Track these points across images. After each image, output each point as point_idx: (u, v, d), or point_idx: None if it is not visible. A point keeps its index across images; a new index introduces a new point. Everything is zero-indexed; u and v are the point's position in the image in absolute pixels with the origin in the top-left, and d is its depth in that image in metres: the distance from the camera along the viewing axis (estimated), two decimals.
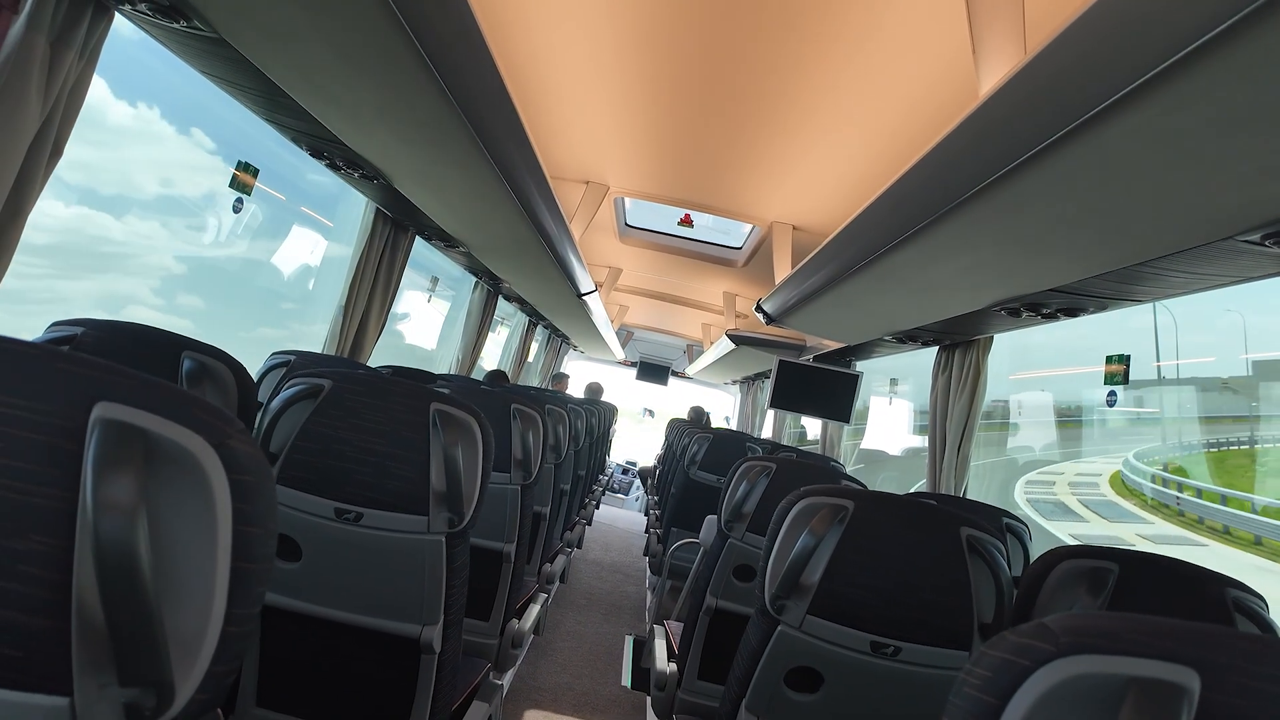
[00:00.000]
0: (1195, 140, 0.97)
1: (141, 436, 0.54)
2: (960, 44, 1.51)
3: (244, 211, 3.49)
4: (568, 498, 3.79)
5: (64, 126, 1.39)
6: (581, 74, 2.27)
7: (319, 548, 1.38)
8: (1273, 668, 0.45)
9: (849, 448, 5.01)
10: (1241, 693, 0.45)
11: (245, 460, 0.57)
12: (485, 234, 3.01)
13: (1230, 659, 0.45)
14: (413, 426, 1.36)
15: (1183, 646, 0.46)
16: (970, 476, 3.03)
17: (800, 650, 1.31)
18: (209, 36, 1.50)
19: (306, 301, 4.37)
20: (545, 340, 8.27)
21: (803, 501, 1.34)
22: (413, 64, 1.37)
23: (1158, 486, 15.19)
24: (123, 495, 0.52)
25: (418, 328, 5.64)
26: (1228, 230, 1.25)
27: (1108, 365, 2.29)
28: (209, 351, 1.42)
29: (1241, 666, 0.45)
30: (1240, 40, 0.75)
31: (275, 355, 2.29)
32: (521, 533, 2.24)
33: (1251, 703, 0.44)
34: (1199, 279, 1.56)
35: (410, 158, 2.05)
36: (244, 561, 0.57)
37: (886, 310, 2.68)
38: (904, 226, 1.64)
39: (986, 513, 2.24)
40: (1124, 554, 1.30)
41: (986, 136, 1.18)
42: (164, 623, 0.54)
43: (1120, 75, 0.88)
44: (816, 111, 2.17)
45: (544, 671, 3.09)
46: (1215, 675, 0.45)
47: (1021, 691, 0.48)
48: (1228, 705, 0.45)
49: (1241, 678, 0.45)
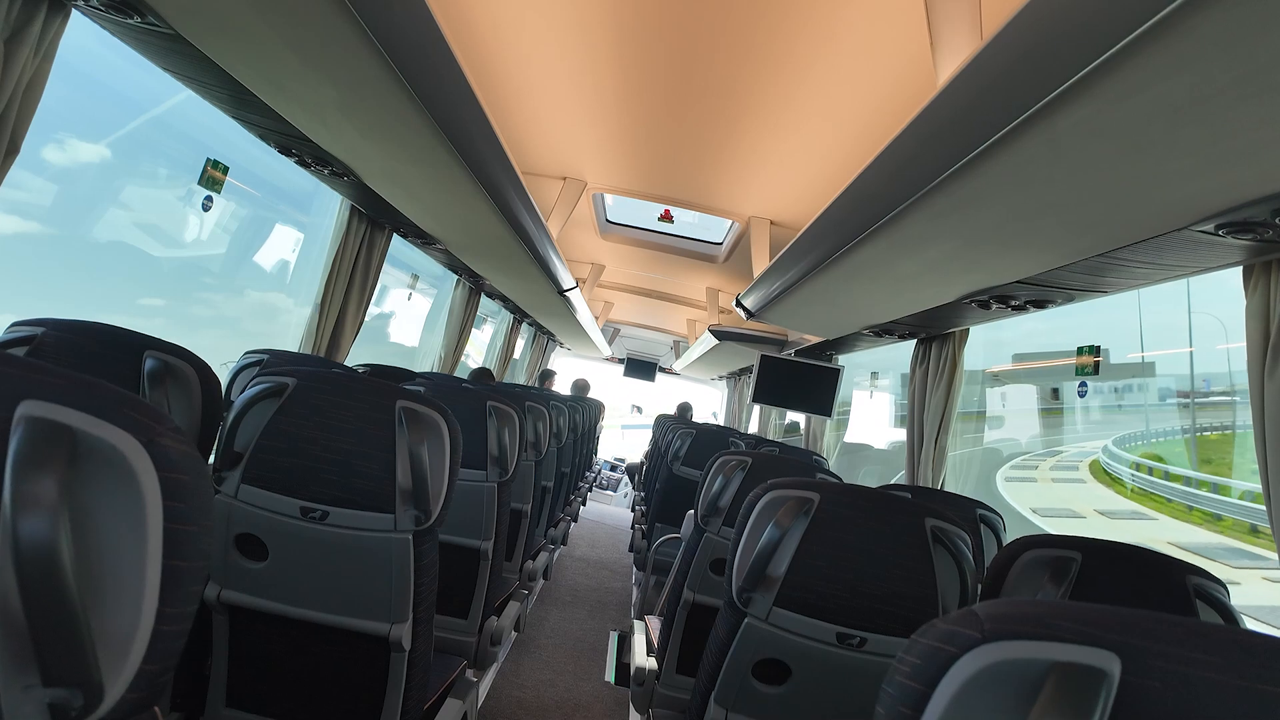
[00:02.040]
0: (1139, 132, 0.98)
1: (68, 434, 0.54)
2: (921, 38, 1.51)
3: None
4: (550, 494, 3.79)
5: (20, 124, 1.37)
6: (554, 70, 2.26)
7: (286, 547, 1.37)
8: (1194, 651, 0.45)
9: (832, 441, 5.03)
10: (1161, 676, 0.45)
11: (176, 458, 0.57)
12: (461, 231, 3.00)
13: (1152, 643, 0.46)
14: (378, 424, 1.35)
15: (1105, 631, 0.46)
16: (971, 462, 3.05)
17: (767, 642, 1.32)
18: (165, 32, 1.49)
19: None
20: (531, 337, 8.25)
21: (769, 494, 1.34)
22: (371, 62, 1.37)
23: (1133, 471, 15.51)
24: (43, 494, 0.51)
25: (399, 325, 5.61)
26: (1183, 220, 1.26)
27: (1079, 357, 2.31)
28: (173, 351, 1.40)
29: (1163, 650, 0.45)
30: (1170, 33, 0.76)
31: (249, 354, 2.27)
32: (499, 530, 2.24)
33: (1170, 685, 0.45)
34: (1161, 270, 1.57)
35: (378, 155, 2.04)
36: (176, 560, 0.57)
37: (861, 304, 2.69)
38: (870, 220, 1.65)
39: (961, 504, 2.26)
40: (1087, 543, 1.31)
41: (943, 129, 1.19)
42: (89, 622, 0.53)
43: (1063, 68, 0.89)
44: (788, 105, 2.17)
45: (526, 669, 3.09)
46: (1135, 659, 0.45)
47: (947, 678, 0.49)
48: (1147, 688, 0.45)
49: (1162, 661, 0.45)
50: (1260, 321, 1.38)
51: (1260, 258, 1.38)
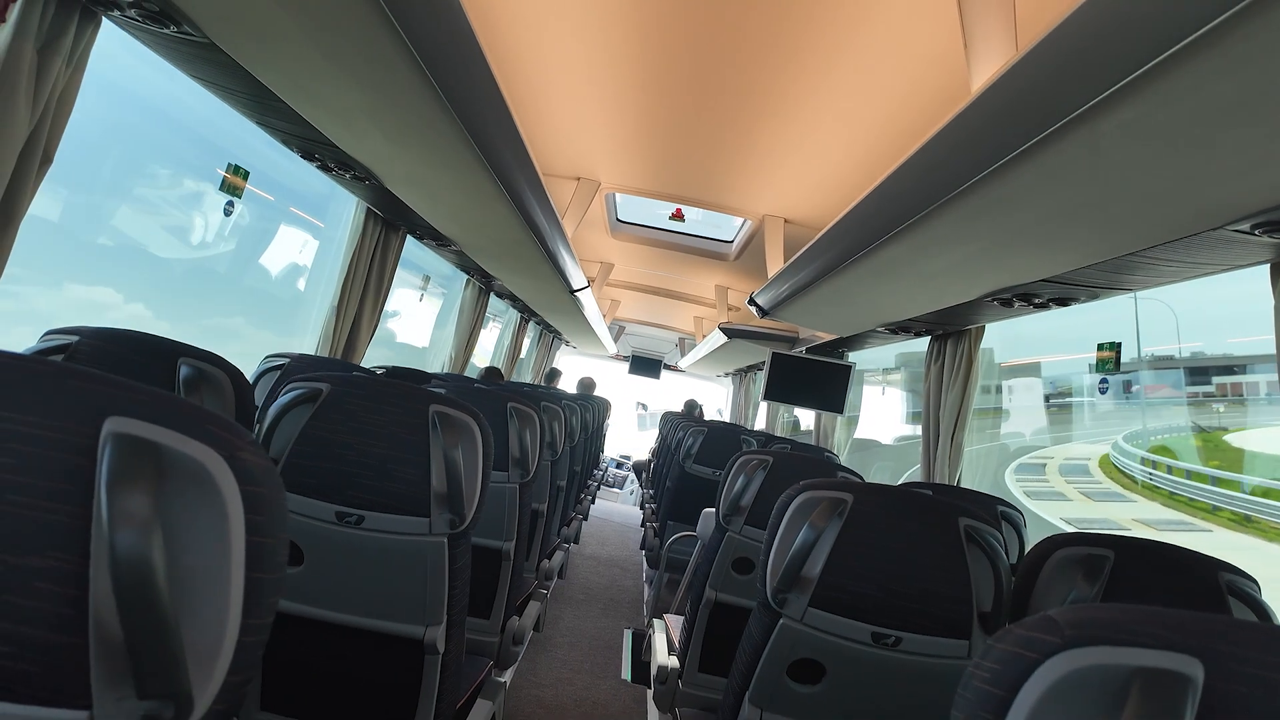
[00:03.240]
0: (1184, 134, 0.99)
1: (154, 450, 0.55)
2: (947, 38, 1.51)
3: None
4: (564, 494, 3.80)
5: (53, 134, 1.38)
6: (572, 71, 2.26)
7: (321, 551, 1.38)
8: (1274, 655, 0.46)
9: (842, 438, 5.03)
10: (1244, 680, 0.45)
11: (257, 472, 0.58)
12: (477, 233, 3.00)
13: (1232, 648, 0.46)
14: (412, 428, 1.36)
15: (1186, 636, 0.47)
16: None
17: (802, 643, 1.32)
18: (199, 41, 1.49)
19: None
20: (537, 336, 8.26)
21: (802, 495, 1.35)
22: (404, 67, 1.37)
23: (1132, 463, 15.64)
24: (137, 509, 0.52)
25: (410, 326, 5.63)
26: (1217, 220, 1.26)
27: (1099, 352, 2.31)
28: (206, 358, 1.41)
29: (1244, 655, 0.46)
30: (1227, 36, 0.76)
31: (269, 358, 2.28)
32: (520, 530, 2.25)
33: (1254, 690, 0.45)
34: (1190, 268, 1.58)
35: (402, 159, 2.04)
36: (258, 572, 0.58)
37: (879, 302, 2.69)
38: (897, 220, 1.65)
39: (981, 501, 2.26)
40: (1119, 540, 1.32)
41: (979, 132, 1.19)
42: (181, 635, 0.54)
43: (1111, 71, 0.89)
44: (806, 105, 2.17)
45: (544, 667, 3.10)
46: (1218, 664, 0.46)
47: (1029, 684, 0.49)
48: (1231, 693, 0.45)
49: (1244, 666, 0.46)
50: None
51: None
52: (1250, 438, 15.01)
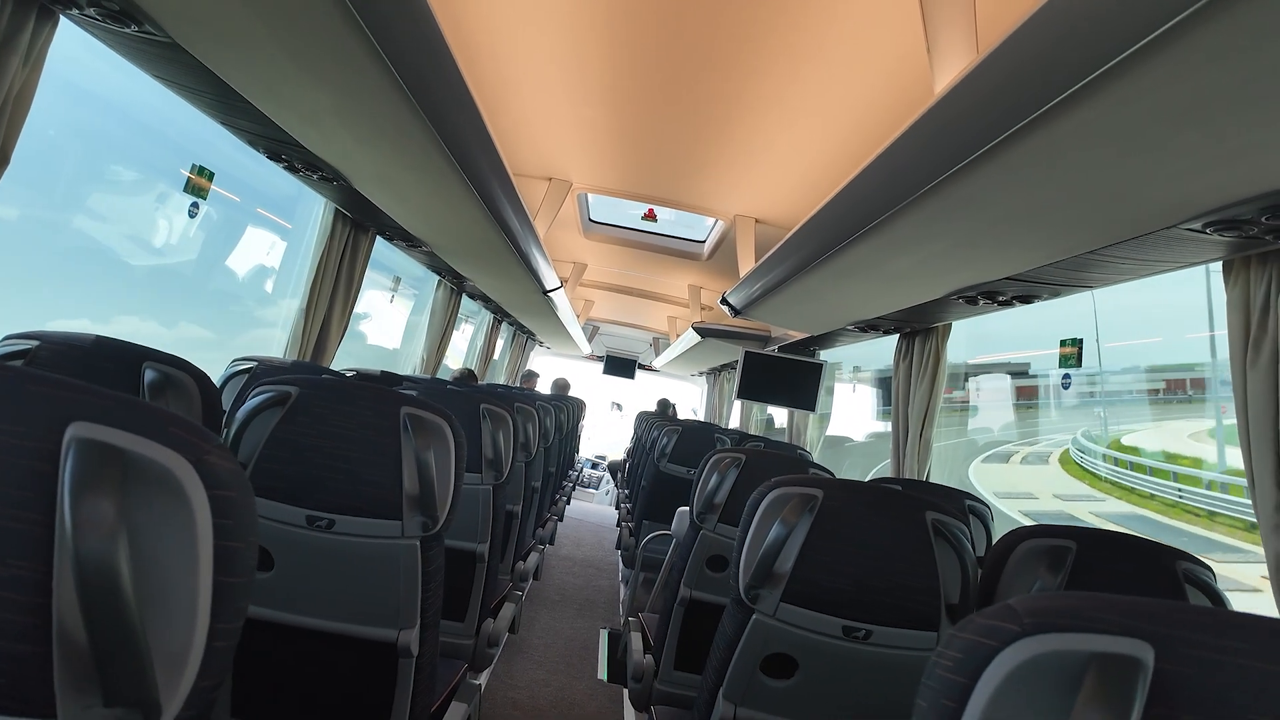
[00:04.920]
0: (1139, 136, 1.02)
1: (118, 456, 0.54)
2: (914, 41, 1.54)
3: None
4: (539, 494, 3.79)
5: (10, 134, 1.34)
6: (542, 71, 2.26)
7: (291, 556, 1.36)
8: (1223, 638, 0.48)
9: (815, 435, 5.09)
10: (1191, 663, 0.48)
11: (225, 476, 0.57)
12: (448, 233, 2.98)
13: (1180, 631, 0.48)
14: (383, 431, 1.35)
15: (1137, 621, 0.49)
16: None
17: (775, 637, 1.34)
18: (162, 41, 1.46)
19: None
20: (511, 337, 8.22)
21: (774, 492, 1.36)
22: (372, 67, 1.36)
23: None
24: (101, 515, 0.51)
25: (381, 328, 5.56)
26: (1172, 219, 1.31)
27: (1061, 348, 2.37)
28: (171, 361, 1.39)
29: (1191, 638, 0.48)
30: (1178, 42, 0.79)
31: (236, 362, 2.24)
32: (494, 532, 2.24)
33: (1200, 671, 0.47)
34: (1146, 265, 1.63)
35: (371, 160, 2.02)
36: (226, 576, 0.57)
37: (849, 301, 2.73)
38: (864, 220, 1.68)
39: (949, 495, 2.31)
40: (1081, 532, 1.36)
41: (942, 134, 1.21)
42: (148, 641, 0.53)
43: (1068, 74, 0.92)
44: (775, 106, 2.20)
45: (520, 669, 3.09)
46: (1168, 647, 0.48)
47: (989, 670, 0.51)
48: (1179, 675, 0.47)
49: (1191, 649, 0.48)
50: (1241, 314, 1.44)
51: (1240, 253, 1.43)
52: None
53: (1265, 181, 1.11)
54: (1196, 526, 11.75)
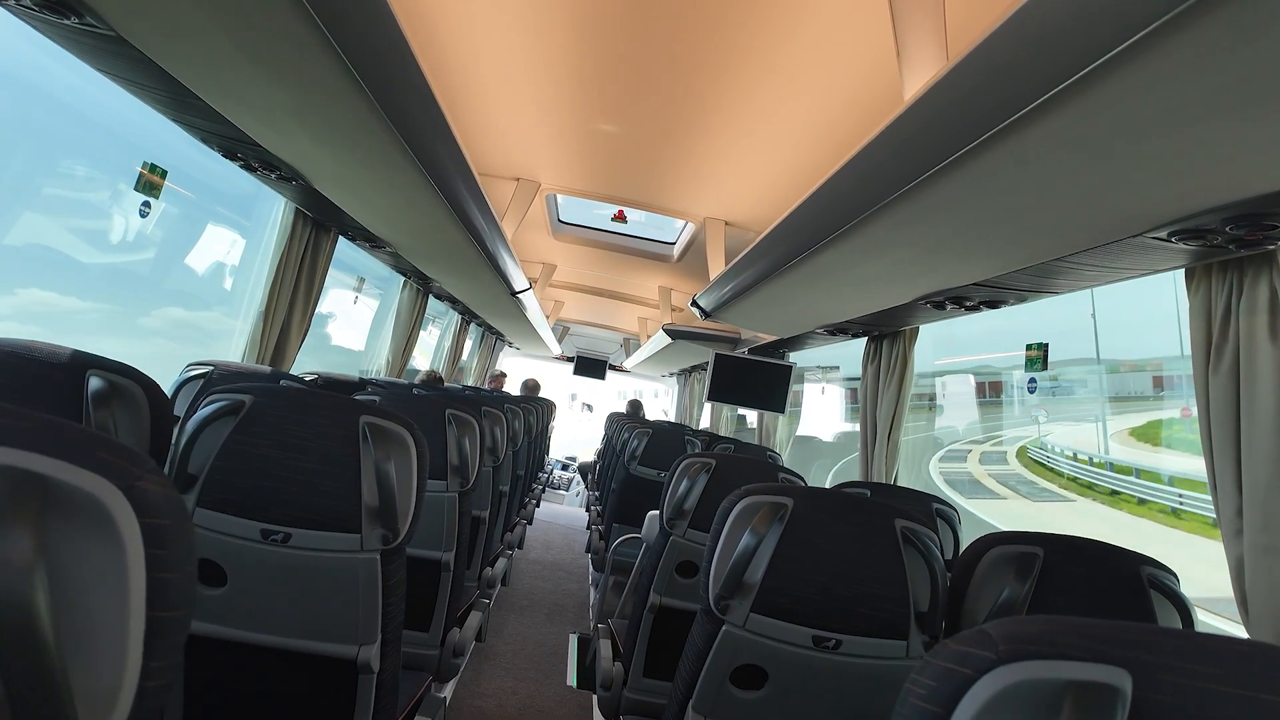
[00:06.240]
0: (1105, 145, 1.02)
1: (38, 483, 0.50)
2: (884, 47, 1.54)
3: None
4: (507, 499, 3.73)
5: None
6: (509, 70, 2.22)
7: (245, 571, 1.31)
8: (1199, 664, 0.47)
9: (784, 435, 5.11)
10: (1169, 690, 0.47)
11: (158, 502, 0.53)
12: (413, 234, 2.92)
13: (1157, 657, 0.47)
14: (341, 441, 1.31)
15: (1113, 648, 0.48)
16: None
17: (745, 649, 1.33)
18: (105, 34, 1.39)
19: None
20: (479, 338, 8.12)
21: (744, 501, 1.35)
22: (330, 65, 1.31)
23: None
24: (15, 549, 0.47)
25: (345, 329, 5.45)
26: (1138, 228, 1.32)
27: (1027, 351, 2.40)
28: (117, 369, 1.32)
29: (1167, 664, 0.47)
30: (1150, 51, 0.79)
31: (191, 366, 2.16)
32: (460, 539, 2.19)
33: (1178, 698, 0.46)
34: (1111, 272, 1.65)
35: (331, 159, 1.97)
36: (160, 610, 0.53)
37: (818, 304, 2.74)
38: (834, 225, 1.68)
39: (917, 499, 2.32)
40: (1048, 538, 1.36)
41: (911, 141, 1.21)
42: (69, 683, 0.49)
43: (1037, 84, 0.91)
44: (745, 109, 2.19)
45: (487, 677, 3.04)
46: (1145, 673, 0.47)
47: (966, 700, 0.49)
48: (1158, 702, 0.46)
49: (1168, 675, 0.47)
50: (1202, 320, 1.46)
51: (1202, 261, 1.45)
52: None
53: (1229, 191, 1.12)
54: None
